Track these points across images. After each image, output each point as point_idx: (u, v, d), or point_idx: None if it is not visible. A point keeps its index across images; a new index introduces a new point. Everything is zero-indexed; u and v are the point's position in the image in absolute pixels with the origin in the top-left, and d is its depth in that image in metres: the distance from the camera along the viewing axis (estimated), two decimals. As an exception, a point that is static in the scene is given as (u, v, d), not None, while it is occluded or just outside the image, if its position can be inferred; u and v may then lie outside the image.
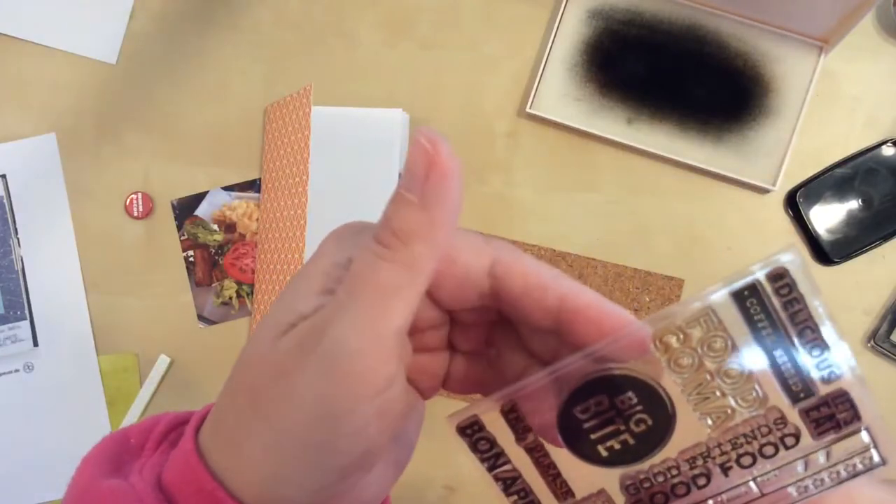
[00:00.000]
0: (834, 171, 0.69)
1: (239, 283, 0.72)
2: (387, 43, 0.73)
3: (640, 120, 0.69)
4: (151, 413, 0.72)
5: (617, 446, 0.29)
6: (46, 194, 0.73)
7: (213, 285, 0.72)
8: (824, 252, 0.69)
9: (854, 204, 0.69)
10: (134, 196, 0.72)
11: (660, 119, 0.69)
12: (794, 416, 0.29)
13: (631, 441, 0.29)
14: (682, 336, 0.29)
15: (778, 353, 0.28)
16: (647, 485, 0.30)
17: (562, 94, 0.70)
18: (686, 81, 0.69)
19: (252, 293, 0.72)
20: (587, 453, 0.29)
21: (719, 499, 0.30)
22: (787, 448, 0.29)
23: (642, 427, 0.29)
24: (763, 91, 0.69)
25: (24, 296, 0.72)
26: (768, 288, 0.28)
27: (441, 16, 0.73)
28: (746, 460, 0.30)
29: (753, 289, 0.28)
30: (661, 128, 0.69)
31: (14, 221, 0.73)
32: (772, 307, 0.28)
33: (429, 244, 0.27)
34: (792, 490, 0.30)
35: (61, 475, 0.79)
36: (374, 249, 0.27)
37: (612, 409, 0.29)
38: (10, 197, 0.73)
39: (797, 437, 0.29)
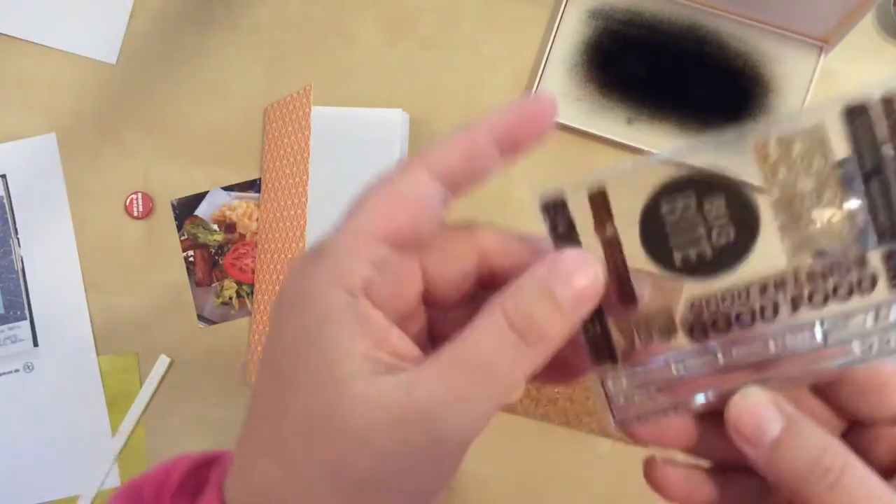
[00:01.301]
0: (834, 170, 0.69)
1: (239, 283, 0.72)
2: (387, 43, 0.73)
3: (640, 120, 0.69)
4: (151, 413, 0.72)
5: (693, 256, 0.28)
6: (46, 194, 0.73)
7: (213, 285, 0.72)
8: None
9: (854, 205, 0.69)
10: (134, 196, 0.72)
11: (660, 119, 0.69)
12: (875, 258, 0.27)
13: (708, 253, 0.28)
14: (782, 148, 0.27)
15: (874, 185, 0.27)
16: (712, 306, 0.29)
17: (562, 94, 0.70)
18: (686, 81, 0.69)
19: (252, 293, 0.72)
20: (661, 258, 0.28)
21: (780, 343, 0.28)
22: (861, 293, 0.27)
23: (723, 240, 0.28)
24: (763, 91, 0.69)
25: (24, 296, 0.72)
26: (880, 110, 0.26)
27: (441, 16, 0.73)
28: (818, 298, 0.27)
29: (864, 110, 0.26)
30: (661, 128, 0.69)
31: (14, 221, 0.73)
32: (880, 134, 0.26)
33: (555, 345, 0.27)
34: (856, 346, 0.28)
35: (61, 475, 0.79)
36: (506, 333, 0.27)
37: (699, 212, 0.27)
38: (10, 197, 0.73)
39: (874, 282, 0.27)
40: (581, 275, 0.27)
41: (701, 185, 0.28)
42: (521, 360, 0.27)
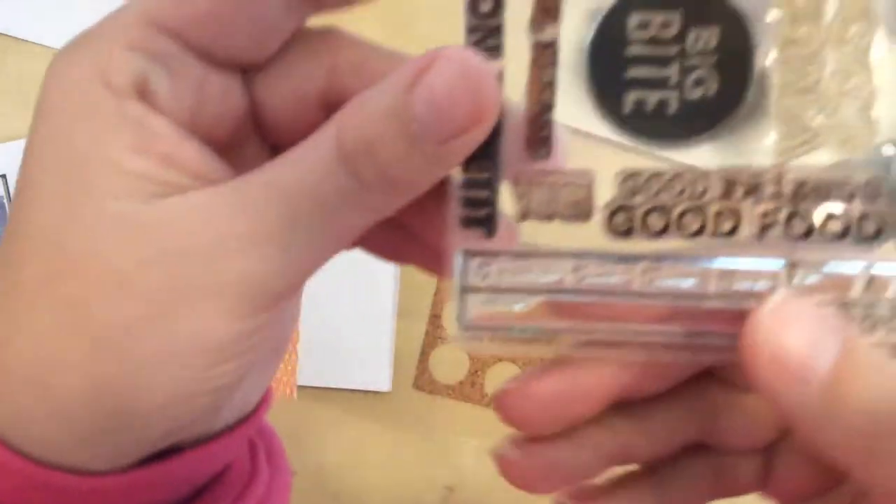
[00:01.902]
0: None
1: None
2: (385, 42, 0.72)
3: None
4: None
5: (651, 105, 0.19)
6: (46, 194, 0.73)
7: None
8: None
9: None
10: (133, 196, 0.72)
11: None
12: None
13: (672, 107, 0.19)
14: None
15: None
16: (651, 190, 0.20)
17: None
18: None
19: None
20: (608, 95, 0.20)
21: (725, 279, 0.19)
22: (860, 237, 0.18)
23: (699, 93, 0.19)
24: (764, 90, 0.68)
25: (23, 296, 0.72)
26: None
27: (440, 14, 0.72)
28: (798, 226, 0.19)
29: None
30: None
31: (14, 221, 0.73)
32: None
33: (416, 192, 0.20)
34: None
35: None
36: (333, 164, 0.19)
37: (679, 43, 0.19)
38: (10, 197, 0.72)
39: (879, 230, 0.18)
40: (464, 88, 0.18)
41: (694, 4, 0.19)
42: (352, 205, 0.19)
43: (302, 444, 0.60)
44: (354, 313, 0.59)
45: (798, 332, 0.18)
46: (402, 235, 0.24)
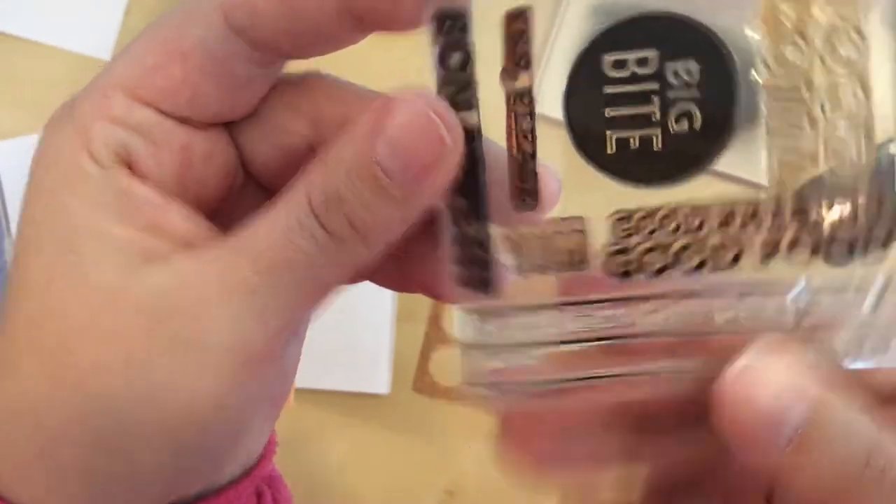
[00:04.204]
0: (839, 170, 0.68)
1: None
2: (380, 46, 0.72)
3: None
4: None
5: (634, 144, 0.19)
6: (40, 194, 0.72)
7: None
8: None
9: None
10: (128, 195, 0.71)
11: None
12: None
13: (656, 145, 0.19)
14: (800, 10, 0.17)
15: None
16: (646, 229, 0.19)
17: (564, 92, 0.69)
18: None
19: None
20: (588, 137, 0.19)
21: (732, 311, 0.18)
22: (868, 255, 0.18)
23: (683, 126, 0.18)
24: (767, 89, 0.68)
25: (17, 297, 0.71)
26: None
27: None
28: (802, 251, 0.18)
29: None
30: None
31: (7, 221, 0.72)
32: None
33: (388, 239, 0.20)
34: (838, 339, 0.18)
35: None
36: (305, 220, 0.19)
37: (658, 78, 0.18)
38: (3, 197, 0.72)
39: (889, 239, 0.18)
40: (422, 128, 0.19)
41: (672, 39, 0.19)
42: (326, 259, 0.19)
43: (299, 448, 0.59)
44: (353, 314, 0.58)
45: (765, 394, 0.17)
46: (403, 268, 0.24)
